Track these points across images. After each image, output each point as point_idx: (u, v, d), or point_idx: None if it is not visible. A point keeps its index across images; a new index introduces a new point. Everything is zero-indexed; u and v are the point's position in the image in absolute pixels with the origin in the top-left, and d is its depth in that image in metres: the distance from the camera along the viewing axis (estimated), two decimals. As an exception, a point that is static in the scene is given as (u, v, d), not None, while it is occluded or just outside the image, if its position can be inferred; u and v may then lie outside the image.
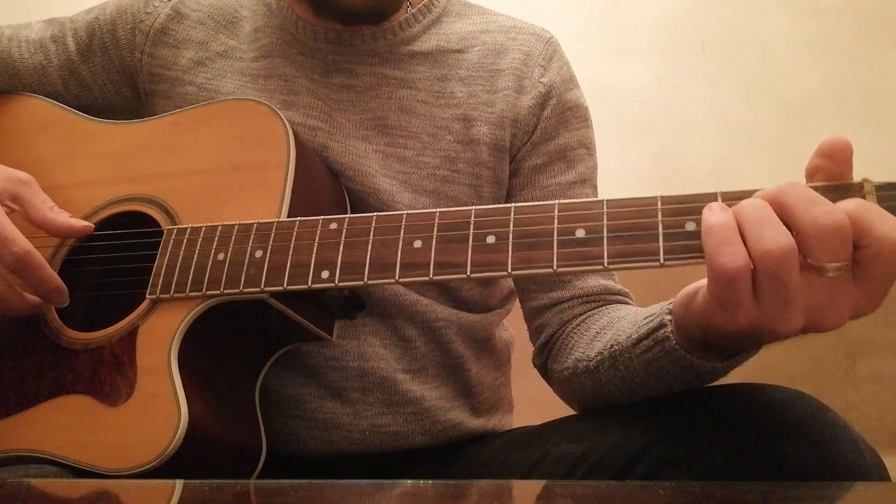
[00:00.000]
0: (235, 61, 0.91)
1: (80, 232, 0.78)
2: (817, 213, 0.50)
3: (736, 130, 1.86)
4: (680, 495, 0.55)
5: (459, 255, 0.64)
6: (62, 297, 0.75)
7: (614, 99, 1.86)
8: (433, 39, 0.91)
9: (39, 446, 0.71)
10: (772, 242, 0.51)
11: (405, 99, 0.88)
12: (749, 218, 0.52)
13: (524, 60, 0.91)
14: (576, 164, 0.91)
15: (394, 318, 0.86)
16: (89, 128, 0.90)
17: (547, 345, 0.88)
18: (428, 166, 0.87)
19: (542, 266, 0.61)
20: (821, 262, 0.51)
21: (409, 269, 0.65)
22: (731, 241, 0.52)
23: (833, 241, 0.50)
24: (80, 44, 0.97)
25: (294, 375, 0.84)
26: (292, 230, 0.71)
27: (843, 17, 1.89)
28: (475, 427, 0.91)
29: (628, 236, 0.59)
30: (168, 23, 0.94)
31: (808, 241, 0.51)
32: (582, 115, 0.93)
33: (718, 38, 1.90)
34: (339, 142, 0.86)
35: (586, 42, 1.88)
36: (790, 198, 0.52)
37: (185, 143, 0.83)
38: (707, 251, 0.53)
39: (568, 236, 0.61)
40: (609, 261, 0.59)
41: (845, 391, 1.70)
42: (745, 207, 0.53)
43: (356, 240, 0.68)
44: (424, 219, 0.66)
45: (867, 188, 0.55)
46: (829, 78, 1.87)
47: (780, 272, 0.51)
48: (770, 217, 0.52)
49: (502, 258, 0.62)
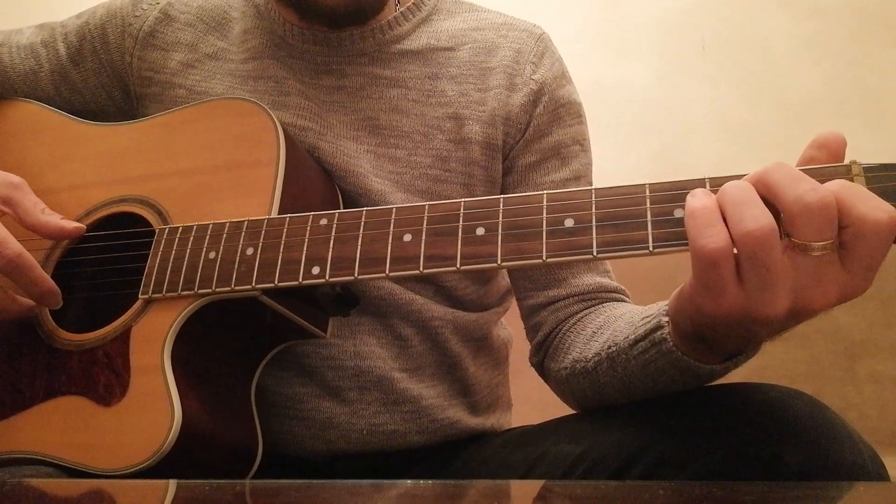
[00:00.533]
0: (225, 63, 0.91)
1: (72, 233, 0.78)
2: (802, 191, 0.50)
3: (736, 130, 1.86)
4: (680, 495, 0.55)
5: (449, 248, 0.64)
6: (55, 298, 0.75)
7: (614, 99, 1.86)
8: (423, 37, 0.91)
9: (35, 448, 0.71)
10: (752, 222, 0.51)
11: (396, 98, 0.88)
12: (731, 200, 0.52)
13: (515, 58, 0.90)
14: (570, 160, 0.91)
15: (389, 317, 0.86)
16: (81, 130, 0.90)
17: (543, 343, 0.88)
18: (420, 166, 0.87)
19: (532, 257, 0.61)
20: (806, 240, 0.50)
21: (399, 263, 0.65)
22: (712, 223, 0.52)
23: (818, 218, 0.50)
24: (71, 49, 0.97)
25: (290, 375, 0.84)
26: (283, 227, 0.71)
27: (843, 17, 1.89)
28: (473, 425, 0.91)
29: (617, 224, 0.59)
30: (157, 25, 0.94)
31: (794, 218, 0.51)
32: (575, 111, 0.93)
33: (718, 38, 1.90)
34: (330, 142, 0.86)
35: (586, 42, 1.88)
36: (774, 176, 0.52)
37: (176, 143, 0.83)
38: (689, 235, 0.53)
39: (557, 226, 0.61)
40: (598, 249, 0.59)
41: (845, 391, 1.69)
42: (727, 189, 0.53)
43: (346, 235, 0.68)
44: (414, 212, 0.67)
45: (855, 170, 0.55)
46: (829, 78, 1.87)
47: (762, 252, 0.51)
48: (752, 198, 0.52)
49: (492, 249, 0.62)
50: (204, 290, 0.71)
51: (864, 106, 1.85)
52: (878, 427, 1.64)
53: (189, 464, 0.68)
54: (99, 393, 0.71)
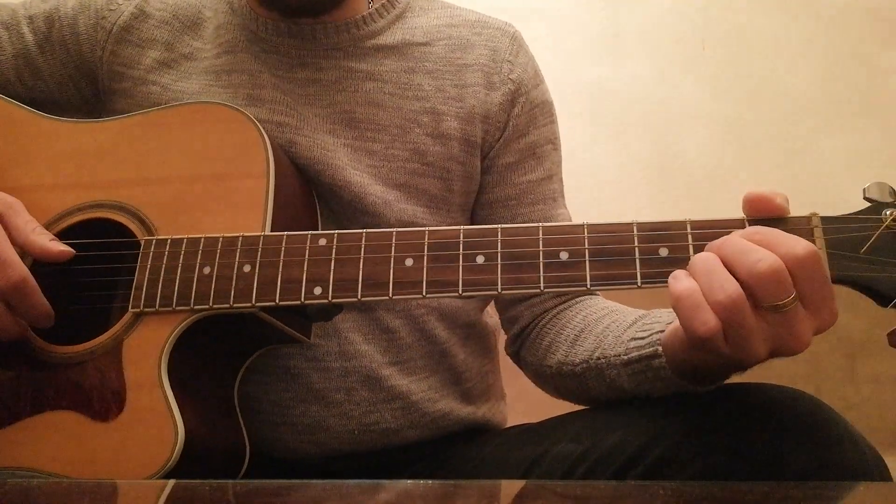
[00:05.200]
0: (199, 62, 0.90)
1: (57, 257, 0.74)
2: (752, 262, 0.55)
3: (736, 130, 1.86)
4: (680, 495, 0.55)
5: (450, 275, 0.67)
6: (49, 322, 0.74)
7: (614, 99, 1.86)
8: (398, 33, 0.91)
9: (30, 464, 0.69)
10: (721, 293, 0.55)
11: (372, 92, 0.88)
12: (700, 271, 0.57)
13: (491, 56, 0.92)
14: (544, 160, 0.94)
15: (374, 310, 0.86)
16: (46, 126, 0.84)
17: (520, 336, 0.92)
18: (397, 159, 0.87)
19: (530, 286, 0.65)
20: (769, 302, 0.55)
21: (403, 288, 0.67)
22: (700, 307, 0.56)
23: (772, 284, 0.55)
24: (38, 34, 0.94)
25: (274, 380, 0.83)
26: (280, 245, 0.71)
27: (843, 17, 1.89)
28: (466, 415, 0.91)
29: (608, 261, 0.64)
30: (132, 21, 0.93)
31: (752, 288, 0.55)
32: (548, 110, 0.96)
33: (718, 38, 1.90)
34: (307, 136, 0.85)
35: (586, 42, 1.88)
36: (725, 252, 0.57)
37: (155, 147, 0.80)
38: (681, 319, 0.58)
39: (553, 259, 0.65)
40: (592, 283, 0.64)
41: (845, 391, 1.69)
42: (694, 263, 0.58)
43: (347, 257, 0.69)
44: (414, 237, 0.68)
45: (814, 221, 0.61)
46: (829, 78, 1.87)
47: (736, 317, 0.55)
48: (716, 267, 0.57)
49: (492, 278, 0.66)
50: (200, 307, 0.70)
51: (864, 106, 1.85)
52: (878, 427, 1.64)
53: (186, 473, 0.67)
54: (94, 408, 0.70)
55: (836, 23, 1.89)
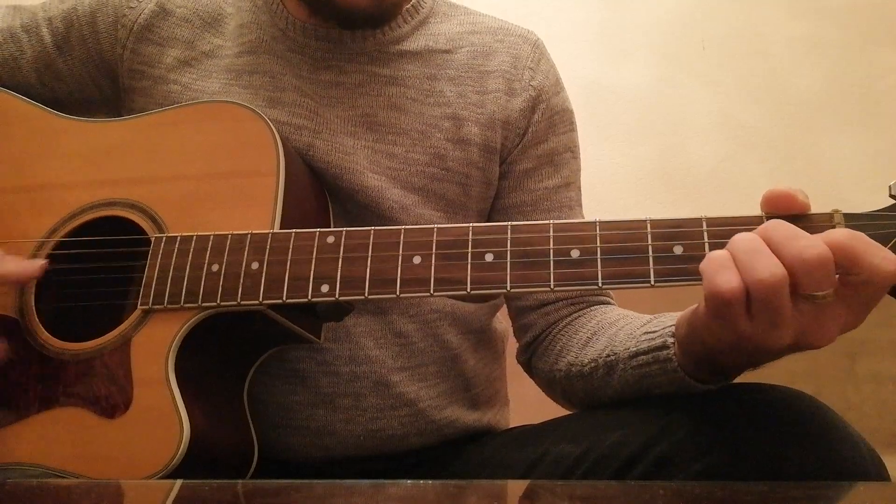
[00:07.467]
0: (221, 59, 0.90)
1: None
2: (801, 248, 0.54)
3: (736, 130, 1.86)
4: (680, 495, 0.55)
5: (459, 273, 0.66)
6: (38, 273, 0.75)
7: (614, 99, 1.86)
8: (421, 39, 0.91)
9: (38, 460, 0.70)
10: (765, 271, 0.54)
11: (394, 96, 0.88)
12: (742, 248, 0.56)
13: (513, 63, 0.92)
14: (562, 167, 0.93)
15: (388, 313, 0.86)
16: (60, 125, 0.85)
17: (532, 344, 0.90)
18: (417, 163, 0.87)
19: (540, 284, 0.64)
20: (808, 291, 0.55)
21: (410, 285, 0.67)
22: (726, 267, 0.56)
23: (817, 272, 0.54)
24: (57, 35, 0.94)
25: (282, 383, 0.83)
26: (288, 242, 0.71)
27: (843, 17, 1.88)
28: (471, 422, 0.91)
29: (620, 259, 0.63)
30: (153, 19, 0.92)
31: (795, 274, 0.54)
32: (568, 118, 0.95)
33: (718, 38, 1.90)
34: (326, 139, 0.85)
35: (586, 42, 1.88)
36: (774, 235, 0.56)
37: (168, 146, 0.80)
38: (705, 276, 0.57)
39: (563, 257, 0.64)
40: (603, 282, 0.62)
41: (845, 391, 1.69)
42: (738, 240, 0.57)
43: (354, 255, 0.69)
44: (423, 235, 0.68)
45: (837, 218, 0.59)
46: (829, 78, 1.87)
47: (774, 298, 0.54)
48: (762, 248, 0.56)
49: (501, 276, 0.65)
50: (208, 304, 0.70)
51: (864, 106, 1.85)
52: (878, 427, 1.64)
53: (192, 472, 0.67)
54: (101, 405, 0.70)
55: (836, 23, 1.89)
